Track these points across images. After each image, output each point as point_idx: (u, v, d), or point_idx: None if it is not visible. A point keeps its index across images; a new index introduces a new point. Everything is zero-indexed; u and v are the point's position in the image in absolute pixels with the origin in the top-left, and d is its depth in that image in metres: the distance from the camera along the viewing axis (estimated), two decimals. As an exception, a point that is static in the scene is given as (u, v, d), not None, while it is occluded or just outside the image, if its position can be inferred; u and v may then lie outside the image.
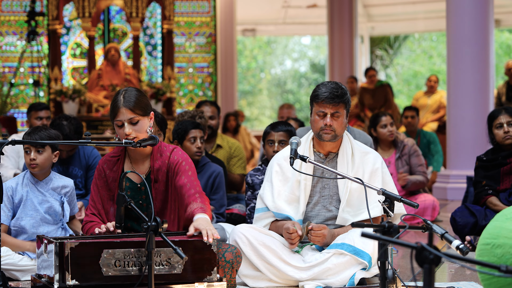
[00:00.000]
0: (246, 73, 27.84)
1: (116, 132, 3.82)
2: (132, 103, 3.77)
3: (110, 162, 3.93)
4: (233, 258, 3.79)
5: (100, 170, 3.94)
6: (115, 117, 3.79)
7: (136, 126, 3.77)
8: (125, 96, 3.80)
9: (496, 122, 5.33)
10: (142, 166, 3.91)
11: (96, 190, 3.93)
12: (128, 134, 3.75)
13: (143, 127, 3.80)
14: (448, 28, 8.56)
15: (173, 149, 3.91)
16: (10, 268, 4.21)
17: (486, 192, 5.27)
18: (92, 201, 3.94)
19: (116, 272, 3.45)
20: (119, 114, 3.77)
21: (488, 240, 3.20)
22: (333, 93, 4.02)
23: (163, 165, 3.86)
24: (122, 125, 3.78)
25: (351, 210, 4.08)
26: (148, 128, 3.84)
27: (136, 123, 3.78)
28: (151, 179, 3.87)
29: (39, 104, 6.69)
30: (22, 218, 4.35)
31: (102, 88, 11.90)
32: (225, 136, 6.88)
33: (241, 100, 26.73)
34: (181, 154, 3.90)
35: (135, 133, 3.77)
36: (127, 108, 3.76)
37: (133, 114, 3.76)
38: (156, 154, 3.88)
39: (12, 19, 12.83)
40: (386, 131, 6.72)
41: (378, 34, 21.04)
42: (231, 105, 14.93)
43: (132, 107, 3.76)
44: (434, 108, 11.91)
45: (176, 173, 3.84)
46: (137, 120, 3.77)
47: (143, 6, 12.19)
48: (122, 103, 3.77)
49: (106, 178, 3.90)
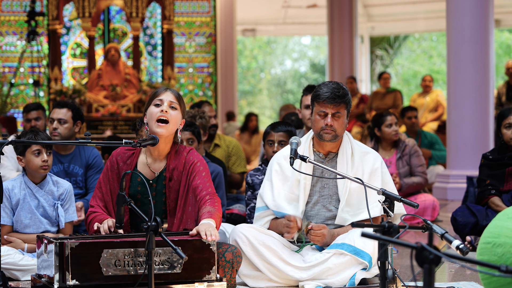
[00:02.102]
0: (246, 73, 27.85)
1: (149, 114, 3.83)
2: (176, 93, 3.90)
3: (124, 155, 3.94)
4: (233, 258, 3.79)
5: (113, 162, 3.94)
6: (156, 97, 3.85)
7: (172, 112, 3.83)
8: (171, 89, 3.93)
9: (505, 122, 5.26)
10: (158, 164, 3.92)
11: (106, 181, 3.92)
12: (165, 111, 3.79)
13: (177, 118, 3.85)
14: (448, 28, 8.56)
15: (189, 150, 3.95)
16: (10, 267, 4.21)
17: (489, 192, 5.23)
18: (99, 192, 3.92)
19: (117, 272, 3.45)
20: (162, 94, 3.86)
21: (489, 239, 3.20)
22: (335, 93, 4.02)
23: (179, 165, 3.89)
24: (160, 105, 3.82)
25: (351, 210, 4.08)
26: (179, 126, 3.89)
27: (174, 110, 3.83)
28: (165, 177, 3.88)
29: (28, 106, 6.58)
30: (21, 221, 4.36)
31: (102, 88, 11.91)
32: (223, 135, 6.88)
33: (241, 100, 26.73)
34: (196, 155, 3.94)
35: (170, 116, 3.80)
36: (171, 92, 3.88)
37: (175, 100, 3.86)
38: (173, 154, 3.90)
39: (12, 19, 12.83)
40: (392, 131, 6.71)
41: (378, 34, 21.05)
42: (231, 105, 14.94)
43: (175, 94, 3.88)
44: (431, 107, 11.92)
45: (190, 173, 3.87)
46: (175, 107, 3.84)
47: (143, 6, 12.19)
48: (167, 89, 3.90)
49: (119, 170, 3.90)
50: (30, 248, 4.34)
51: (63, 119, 5.23)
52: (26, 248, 4.36)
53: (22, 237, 4.38)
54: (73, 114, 5.26)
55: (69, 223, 4.49)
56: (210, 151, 6.56)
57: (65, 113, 5.23)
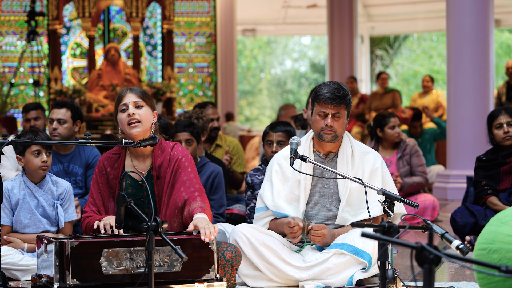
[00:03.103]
0: (246, 73, 27.85)
1: (119, 119, 3.82)
2: (138, 91, 3.85)
3: (111, 159, 3.94)
4: (232, 257, 3.79)
5: (101, 167, 3.94)
6: (119, 103, 3.82)
7: (140, 110, 3.80)
8: (131, 87, 3.89)
9: (496, 122, 5.32)
10: (144, 163, 3.91)
11: (97, 187, 3.93)
12: (132, 114, 3.77)
13: (147, 115, 3.82)
14: (448, 28, 8.56)
15: (173, 145, 3.93)
16: (10, 267, 4.21)
17: (486, 192, 5.26)
18: (91, 198, 3.94)
19: (116, 272, 3.45)
20: (124, 98, 3.83)
21: (484, 245, 3.18)
22: (335, 93, 4.02)
23: (165, 161, 3.88)
24: (126, 109, 3.80)
25: (351, 210, 4.08)
26: (152, 122, 3.86)
27: (141, 108, 3.81)
28: (153, 176, 3.88)
29: (27, 106, 6.58)
30: (20, 221, 4.36)
31: (102, 88, 11.90)
32: (224, 135, 6.88)
33: (241, 100, 26.74)
34: (181, 150, 3.92)
35: (139, 116, 3.78)
36: (132, 93, 3.83)
37: (138, 98, 3.82)
38: (157, 151, 3.89)
39: (12, 19, 12.83)
40: (394, 132, 6.72)
41: (378, 34, 21.04)
42: (231, 105, 14.94)
43: (137, 93, 3.84)
44: (432, 108, 11.93)
45: (175, 169, 3.86)
46: (141, 105, 3.81)
47: (143, 6, 12.19)
48: (128, 90, 3.85)
49: (107, 175, 3.91)
50: (30, 248, 4.34)
51: (63, 119, 5.23)
52: (26, 248, 4.36)
53: (22, 237, 4.38)
54: (72, 113, 5.27)
55: (68, 223, 4.49)
56: (212, 152, 6.56)
57: (64, 113, 5.24)
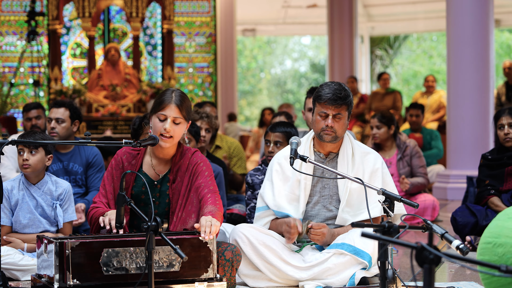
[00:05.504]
0: (246, 73, 27.85)
1: (153, 124, 3.81)
2: (181, 105, 3.81)
3: (129, 155, 3.94)
4: (232, 257, 3.80)
5: (118, 160, 3.94)
6: (160, 110, 3.79)
7: (176, 127, 3.80)
8: (177, 95, 3.83)
9: (499, 123, 5.31)
10: (163, 166, 3.92)
11: (111, 179, 3.92)
12: (168, 131, 3.77)
13: (181, 130, 3.84)
14: (448, 28, 8.56)
15: (194, 152, 3.95)
16: (10, 267, 4.21)
17: (488, 192, 5.24)
18: (103, 190, 3.93)
19: (117, 272, 3.45)
20: (167, 108, 3.79)
21: (490, 239, 3.20)
22: (336, 94, 4.01)
23: (183, 166, 3.90)
24: (165, 120, 3.79)
25: (351, 210, 4.08)
26: (184, 134, 3.88)
27: (178, 124, 3.81)
28: (169, 179, 3.89)
29: (28, 105, 6.60)
30: (19, 221, 4.36)
31: (102, 88, 11.90)
32: (224, 136, 6.88)
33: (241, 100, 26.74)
34: (200, 156, 3.94)
35: (173, 132, 3.79)
36: (177, 106, 3.80)
37: (179, 114, 3.80)
38: (178, 155, 3.91)
39: (12, 19, 12.83)
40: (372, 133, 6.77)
41: (378, 34, 21.04)
42: (231, 105, 14.94)
43: (180, 107, 3.80)
44: (434, 108, 11.91)
45: (193, 174, 3.88)
46: (179, 122, 3.81)
47: (143, 6, 12.19)
48: (174, 100, 3.80)
49: (124, 170, 3.90)
50: (30, 248, 4.35)
51: (61, 119, 5.25)
52: (26, 248, 4.36)
53: (21, 237, 4.39)
54: (71, 113, 5.28)
55: (68, 223, 4.49)
56: (211, 152, 6.56)
57: (63, 113, 5.25)
